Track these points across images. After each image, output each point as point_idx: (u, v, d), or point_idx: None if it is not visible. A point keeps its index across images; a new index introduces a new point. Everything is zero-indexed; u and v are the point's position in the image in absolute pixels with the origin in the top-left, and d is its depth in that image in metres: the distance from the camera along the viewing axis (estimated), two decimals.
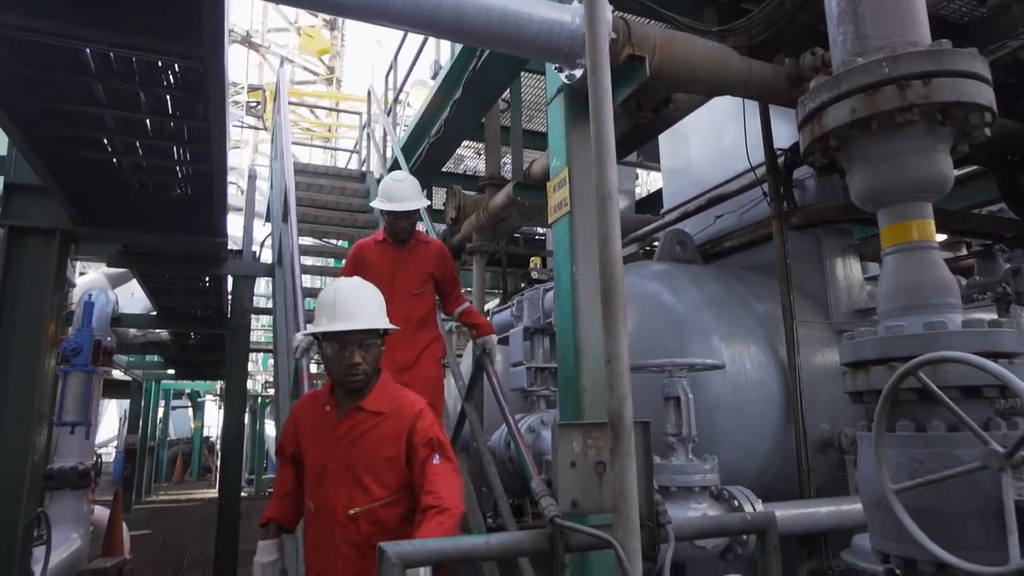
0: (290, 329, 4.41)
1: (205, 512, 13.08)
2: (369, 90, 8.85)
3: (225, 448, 8.70)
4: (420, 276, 3.53)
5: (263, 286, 12.99)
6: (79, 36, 3.03)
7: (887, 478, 1.73)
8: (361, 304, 2.23)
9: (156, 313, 9.87)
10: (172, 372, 16.04)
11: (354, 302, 2.22)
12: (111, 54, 3.34)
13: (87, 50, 3.30)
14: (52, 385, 5.44)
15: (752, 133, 4.11)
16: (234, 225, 8.89)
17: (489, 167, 6.01)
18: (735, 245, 4.41)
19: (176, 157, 4.70)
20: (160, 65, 3.49)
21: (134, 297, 9.95)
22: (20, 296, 4.72)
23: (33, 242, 4.83)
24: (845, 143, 2.05)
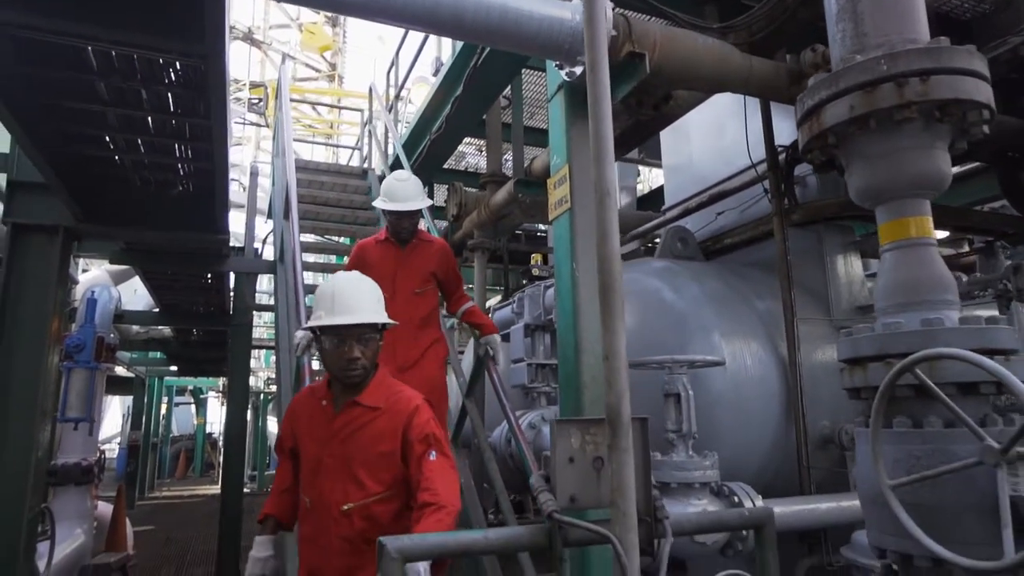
0: (292, 326, 4.41)
1: (208, 508, 13.12)
2: (371, 87, 8.84)
3: (228, 444, 8.72)
4: (422, 275, 3.52)
5: (265, 283, 13.04)
6: (80, 34, 3.02)
7: (884, 474, 1.74)
8: (360, 298, 2.20)
9: (158, 310, 9.90)
10: (175, 369, 16.07)
11: (352, 296, 2.19)
12: (112, 52, 3.35)
13: (89, 48, 3.30)
14: (55, 381, 5.48)
15: (753, 130, 4.11)
16: (236, 222, 8.97)
17: (490, 164, 6.01)
18: (736, 242, 4.42)
19: (178, 154, 4.71)
20: (161, 63, 3.49)
21: (137, 294, 9.96)
22: (23, 293, 4.74)
23: (36, 239, 4.84)
24: (843, 140, 2.05)
